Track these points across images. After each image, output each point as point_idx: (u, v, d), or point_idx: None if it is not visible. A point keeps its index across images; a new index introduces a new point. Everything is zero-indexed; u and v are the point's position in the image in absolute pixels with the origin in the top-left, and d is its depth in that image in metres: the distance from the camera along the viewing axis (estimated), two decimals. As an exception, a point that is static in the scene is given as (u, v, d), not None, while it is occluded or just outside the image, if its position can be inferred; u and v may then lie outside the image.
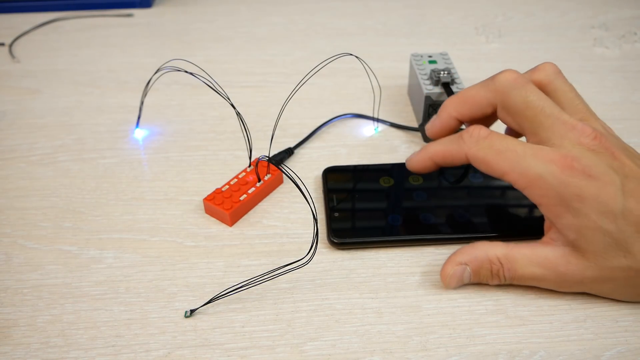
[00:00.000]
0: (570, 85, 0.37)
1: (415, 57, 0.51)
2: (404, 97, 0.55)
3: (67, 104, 0.54)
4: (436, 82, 0.47)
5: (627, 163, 0.33)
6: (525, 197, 0.36)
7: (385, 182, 0.43)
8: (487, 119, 0.40)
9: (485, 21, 0.68)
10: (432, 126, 0.41)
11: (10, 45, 0.64)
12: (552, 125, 0.34)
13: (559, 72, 0.38)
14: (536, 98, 0.35)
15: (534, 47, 0.63)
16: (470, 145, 0.36)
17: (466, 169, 0.45)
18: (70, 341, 0.34)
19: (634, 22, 0.67)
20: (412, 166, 0.40)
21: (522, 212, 0.41)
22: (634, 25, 0.67)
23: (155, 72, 0.44)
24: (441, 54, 0.52)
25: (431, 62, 0.50)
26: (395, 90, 0.55)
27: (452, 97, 0.40)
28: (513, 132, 0.40)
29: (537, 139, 0.35)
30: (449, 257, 0.36)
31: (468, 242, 0.39)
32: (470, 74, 0.57)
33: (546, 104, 0.35)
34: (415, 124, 0.50)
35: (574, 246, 0.33)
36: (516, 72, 0.37)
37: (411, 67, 0.52)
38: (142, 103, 0.49)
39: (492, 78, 0.38)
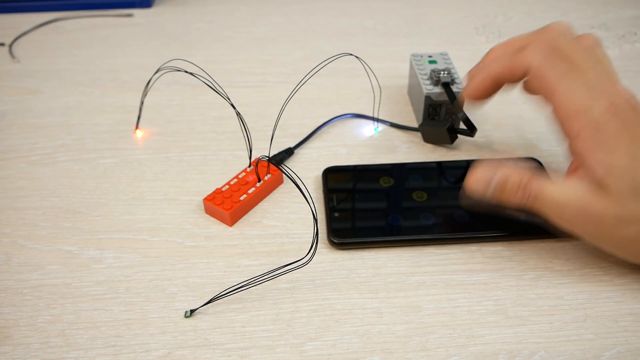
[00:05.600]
0: (608, 58, 0.38)
1: (415, 57, 0.51)
2: (404, 97, 0.55)
3: (67, 104, 0.54)
4: (436, 82, 0.47)
5: None
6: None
7: (385, 182, 0.43)
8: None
9: (485, 21, 0.68)
10: (468, 88, 0.41)
11: (10, 45, 0.64)
12: (592, 79, 0.35)
13: (600, 44, 0.38)
14: (581, 55, 0.36)
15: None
16: (535, 56, 0.37)
17: (466, 169, 0.45)
18: (70, 341, 0.34)
19: (634, 22, 0.67)
20: (471, 94, 0.40)
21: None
22: (634, 25, 0.67)
23: (155, 72, 0.44)
24: (441, 54, 0.52)
25: (431, 62, 0.50)
26: (395, 90, 0.55)
27: (495, 49, 0.41)
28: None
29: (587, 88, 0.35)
30: (476, 165, 0.37)
31: (468, 242, 0.39)
32: (470, 74, 0.57)
33: (590, 63, 0.36)
34: (415, 124, 0.50)
35: (601, 185, 0.33)
36: (565, 24, 0.38)
37: (411, 67, 0.52)
38: (142, 103, 0.49)
39: (541, 32, 0.38)
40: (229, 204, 0.41)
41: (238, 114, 0.42)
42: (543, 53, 0.37)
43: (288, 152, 0.47)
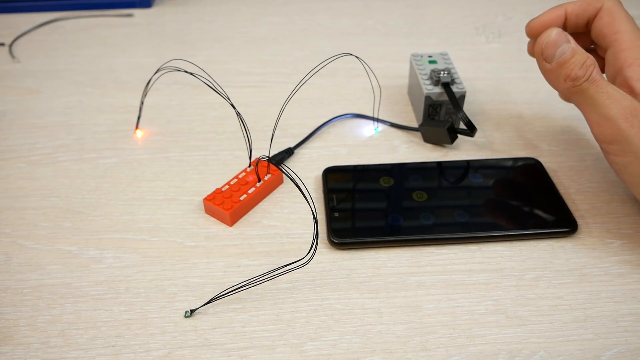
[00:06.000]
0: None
1: (415, 57, 0.51)
2: (404, 97, 0.55)
3: (67, 104, 0.54)
4: (436, 82, 0.47)
5: None
6: (524, 197, 0.36)
7: (385, 182, 0.43)
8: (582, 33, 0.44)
9: (485, 21, 0.68)
10: (537, 19, 0.43)
11: (10, 45, 0.64)
12: None
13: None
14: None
15: None
16: (611, 2, 0.41)
17: (466, 169, 0.45)
18: (70, 341, 0.34)
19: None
20: (534, 27, 0.43)
21: (523, 211, 0.41)
22: (634, 25, 0.67)
23: (155, 72, 0.44)
24: (441, 54, 0.52)
25: (431, 62, 0.50)
26: (395, 90, 0.55)
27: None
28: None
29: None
30: (551, 28, 0.39)
31: (468, 242, 0.39)
32: (470, 74, 0.57)
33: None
34: (415, 124, 0.50)
35: None
36: None
37: (411, 67, 0.52)
38: (142, 103, 0.49)
39: None
40: (229, 204, 0.41)
41: (238, 114, 0.42)
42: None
43: (288, 152, 0.47)
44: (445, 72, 0.47)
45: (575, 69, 0.37)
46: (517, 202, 0.42)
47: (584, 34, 0.43)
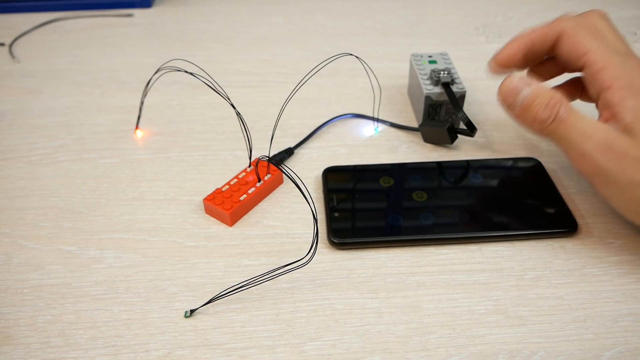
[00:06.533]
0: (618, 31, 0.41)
1: (415, 57, 0.51)
2: (404, 97, 0.55)
3: (67, 104, 0.54)
4: (436, 82, 0.47)
5: None
6: (524, 197, 0.36)
7: (385, 182, 0.43)
8: (544, 63, 0.44)
9: (485, 21, 0.68)
10: (499, 53, 0.43)
11: (10, 45, 0.64)
12: (616, 42, 0.39)
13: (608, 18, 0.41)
14: (603, 26, 0.40)
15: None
16: (566, 22, 0.39)
17: (466, 169, 0.45)
18: (70, 341, 0.34)
19: (634, 22, 0.67)
20: (501, 60, 0.42)
21: (523, 211, 0.41)
22: (634, 25, 0.67)
23: (155, 72, 0.44)
24: (441, 54, 0.52)
25: (431, 62, 0.50)
26: (395, 90, 0.55)
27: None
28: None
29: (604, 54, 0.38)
30: (511, 75, 0.38)
31: (468, 242, 0.39)
32: (470, 74, 0.57)
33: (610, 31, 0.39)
34: (415, 124, 0.50)
35: (629, 128, 0.34)
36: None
37: (411, 67, 0.52)
38: (142, 103, 0.49)
39: (580, 15, 0.41)
40: (229, 204, 0.41)
41: (238, 114, 0.42)
42: (575, 20, 0.40)
43: (288, 152, 0.47)
44: (445, 72, 0.47)
45: (539, 112, 0.36)
46: (517, 202, 0.42)
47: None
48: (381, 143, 0.49)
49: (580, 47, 0.38)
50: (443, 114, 0.48)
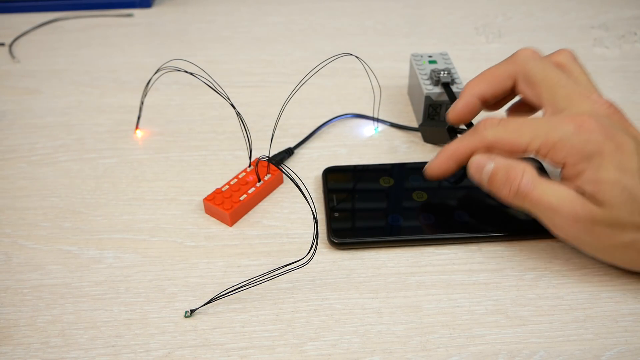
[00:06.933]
0: (585, 70, 0.39)
1: (415, 57, 0.51)
2: (404, 97, 0.55)
3: (67, 104, 0.54)
4: (436, 82, 0.47)
5: (638, 132, 0.36)
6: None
7: (385, 182, 0.43)
8: (505, 98, 0.42)
9: (485, 21, 0.68)
10: (454, 109, 0.42)
11: (10, 45, 0.64)
12: (568, 95, 0.37)
13: (576, 57, 0.40)
14: (554, 70, 0.38)
15: (534, 47, 0.63)
16: (488, 132, 0.37)
17: (466, 169, 0.45)
18: (70, 341, 0.34)
19: (634, 22, 0.67)
20: (432, 171, 0.40)
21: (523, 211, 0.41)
22: (634, 25, 0.67)
23: (155, 72, 0.44)
24: (441, 54, 0.52)
25: (431, 62, 0.50)
26: (395, 90, 0.55)
27: (473, 78, 0.42)
28: (527, 107, 0.42)
29: (554, 109, 0.37)
30: (478, 153, 0.37)
31: (468, 242, 0.39)
32: (470, 74, 0.57)
33: (563, 77, 0.38)
34: (415, 124, 0.50)
35: (594, 199, 0.33)
36: (535, 49, 0.40)
37: (411, 67, 0.52)
38: (142, 103, 0.49)
39: (512, 55, 0.41)
40: (229, 204, 0.41)
41: (238, 114, 0.42)
42: (488, 126, 0.37)
43: (288, 152, 0.47)
44: (445, 72, 0.47)
45: (500, 187, 0.36)
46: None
47: None
48: (381, 143, 0.49)
49: (517, 147, 0.36)
50: (443, 114, 0.48)
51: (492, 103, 0.42)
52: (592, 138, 0.34)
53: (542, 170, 0.44)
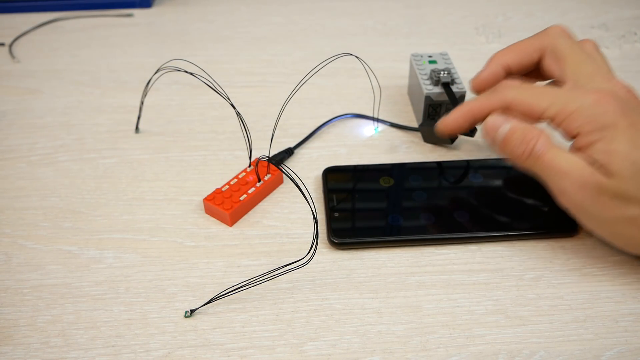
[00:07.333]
0: (607, 60, 0.41)
1: (415, 57, 0.51)
2: (404, 97, 0.55)
3: (67, 104, 0.54)
4: (436, 82, 0.47)
5: None
6: (524, 197, 0.35)
7: (385, 182, 0.43)
8: (528, 74, 0.43)
9: (485, 21, 0.68)
10: (478, 77, 0.43)
11: (10, 45, 0.64)
12: (591, 73, 0.39)
13: (599, 48, 0.41)
14: (581, 49, 0.40)
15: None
16: (509, 92, 0.39)
17: (466, 169, 0.45)
18: (70, 341, 0.34)
19: (634, 22, 0.67)
20: (446, 127, 0.42)
21: (523, 211, 0.41)
22: (634, 25, 0.67)
23: (155, 72, 0.44)
24: (441, 54, 0.52)
25: (431, 62, 0.50)
26: (395, 90, 0.55)
27: (501, 49, 0.43)
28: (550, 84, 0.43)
29: (575, 85, 0.38)
30: (493, 113, 0.38)
31: (468, 242, 0.39)
32: (470, 74, 0.57)
33: (588, 58, 0.39)
34: (415, 124, 0.50)
35: (603, 169, 0.34)
36: (565, 26, 0.42)
37: (411, 67, 0.52)
38: (142, 103, 0.49)
39: (544, 30, 0.42)
40: (229, 204, 0.41)
41: (238, 114, 0.42)
42: (509, 86, 0.39)
43: (288, 152, 0.47)
44: (445, 72, 0.47)
45: (515, 147, 0.37)
46: (517, 202, 0.42)
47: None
48: (381, 143, 0.49)
49: (534, 110, 0.37)
50: (443, 114, 0.48)
51: (515, 75, 0.43)
52: (609, 110, 0.35)
53: None
